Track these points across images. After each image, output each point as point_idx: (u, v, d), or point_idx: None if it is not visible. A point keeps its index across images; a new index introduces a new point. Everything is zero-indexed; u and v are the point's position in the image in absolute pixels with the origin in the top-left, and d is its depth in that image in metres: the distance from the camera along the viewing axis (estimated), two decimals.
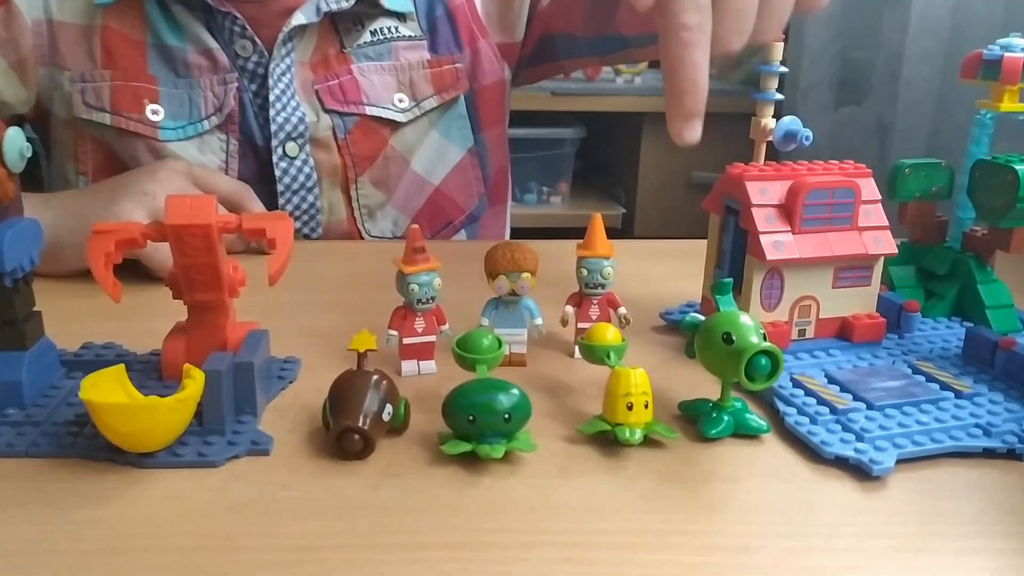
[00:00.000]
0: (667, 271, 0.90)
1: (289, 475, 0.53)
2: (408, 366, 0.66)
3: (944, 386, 0.62)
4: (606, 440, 0.57)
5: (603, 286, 0.67)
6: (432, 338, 0.66)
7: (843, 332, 0.69)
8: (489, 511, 0.50)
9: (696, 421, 0.59)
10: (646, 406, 0.57)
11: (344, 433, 0.54)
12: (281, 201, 0.98)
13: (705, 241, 0.73)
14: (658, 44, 0.56)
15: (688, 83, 0.54)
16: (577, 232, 0.69)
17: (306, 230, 1.01)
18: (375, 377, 0.57)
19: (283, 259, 0.56)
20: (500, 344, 0.59)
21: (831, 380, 0.63)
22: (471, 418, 0.54)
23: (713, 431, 0.58)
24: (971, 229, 0.76)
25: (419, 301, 0.64)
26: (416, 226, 0.64)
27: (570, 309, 0.68)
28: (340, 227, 1.02)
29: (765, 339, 0.56)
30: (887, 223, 0.68)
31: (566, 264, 0.69)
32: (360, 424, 0.54)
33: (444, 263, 0.65)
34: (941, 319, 0.75)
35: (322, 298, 0.83)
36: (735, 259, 0.69)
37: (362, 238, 1.03)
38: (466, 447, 0.54)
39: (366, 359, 0.58)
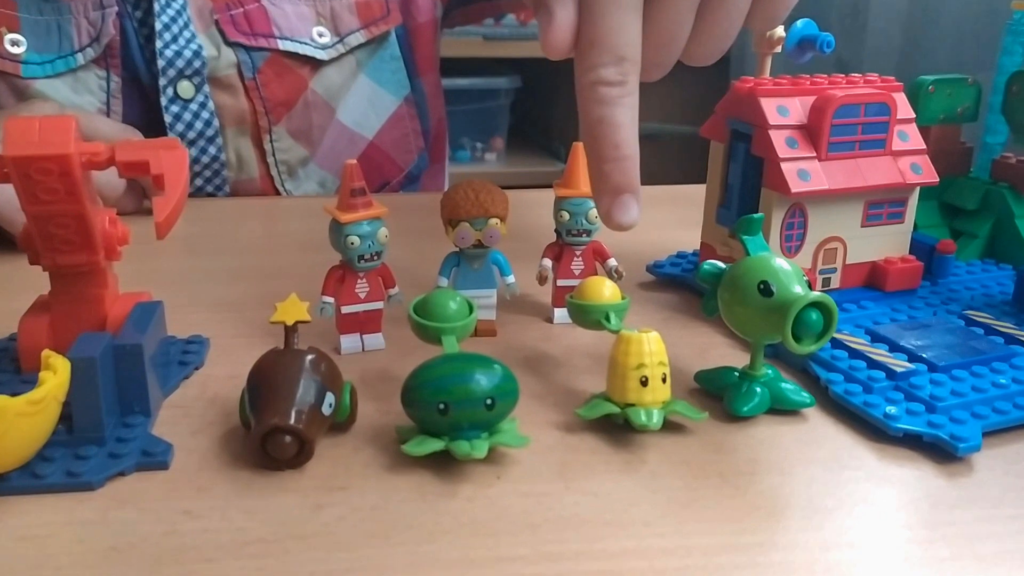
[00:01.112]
0: (649, 220, 0.77)
1: (196, 497, 0.39)
2: (349, 341, 0.52)
3: (1010, 338, 0.51)
4: (613, 426, 0.44)
5: (589, 233, 0.54)
6: (379, 305, 0.52)
7: (873, 279, 0.58)
8: (475, 532, 0.37)
9: (722, 396, 0.47)
10: (664, 380, 0.44)
11: (271, 434, 0.40)
12: None
13: (689, 187, 0.60)
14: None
15: (609, 148, 0.41)
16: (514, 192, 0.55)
17: (209, 187, 0.85)
18: (310, 357, 0.42)
19: (175, 201, 0.41)
20: (471, 307, 0.46)
21: (876, 338, 0.51)
22: (442, 406, 0.40)
23: (746, 407, 0.45)
24: (1001, 156, 0.65)
25: (361, 258, 0.50)
26: (354, 162, 0.50)
27: (548, 263, 0.55)
28: (252, 186, 0.87)
29: (810, 287, 0.44)
30: (924, 145, 0.57)
31: (535, 215, 0.56)
32: (292, 421, 0.40)
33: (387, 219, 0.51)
34: (973, 261, 0.64)
35: (234, 263, 0.68)
36: (745, 195, 0.56)
37: None
38: (437, 445, 0.40)
39: (296, 334, 0.44)
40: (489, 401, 0.41)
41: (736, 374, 0.47)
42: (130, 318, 0.45)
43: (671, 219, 0.77)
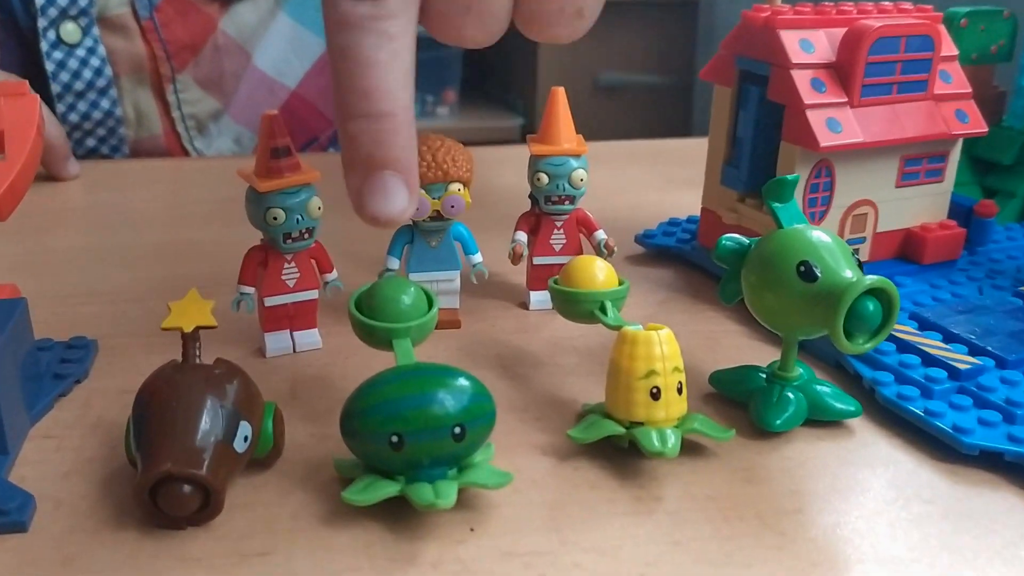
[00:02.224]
0: (631, 180, 0.67)
1: (59, 573, 0.28)
2: (276, 341, 0.42)
3: None
4: (615, 450, 0.35)
5: (572, 199, 0.44)
6: (312, 294, 0.42)
7: (907, 250, 0.48)
8: None
9: (746, 403, 0.37)
10: (680, 391, 0.34)
11: (164, 484, 0.29)
12: (60, 107, 0.69)
13: (674, 141, 0.51)
14: None
15: (356, 98, 0.30)
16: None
17: (104, 148, 0.73)
18: (216, 374, 0.32)
19: (18, 166, 0.30)
20: (431, 300, 0.36)
21: (924, 324, 0.42)
22: (395, 439, 0.30)
23: (779, 420, 0.36)
24: None
25: (288, 237, 0.39)
26: (274, 112, 0.39)
27: (523, 237, 0.45)
28: (155, 145, 0.75)
29: (860, 268, 0.34)
30: (968, 88, 0.47)
31: (501, 177, 0.46)
32: (193, 467, 0.29)
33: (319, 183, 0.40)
34: (1012, 225, 0.55)
35: (132, 241, 0.56)
36: (759, 151, 0.46)
37: None
38: (389, 490, 0.30)
39: (198, 344, 0.33)
40: (458, 430, 0.31)
41: (763, 376, 0.38)
42: None
43: (656, 179, 0.67)
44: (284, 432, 0.34)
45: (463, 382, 0.31)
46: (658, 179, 0.67)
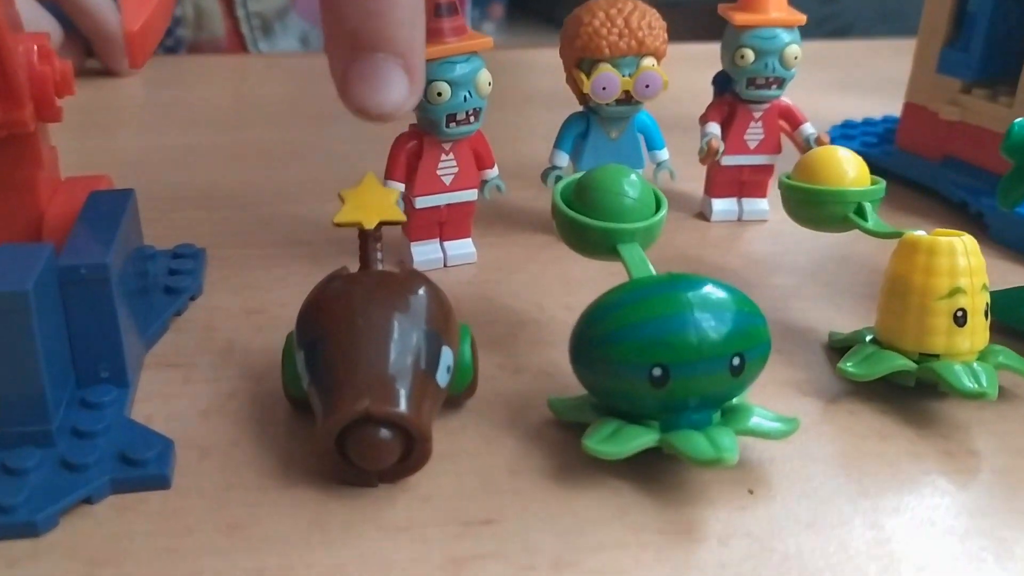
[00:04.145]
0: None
1: (224, 541, 0.21)
2: (423, 252, 0.34)
3: None
4: (892, 390, 0.27)
5: (781, 83, 0.36)
6: (470, 195, 0.34)
7: None
8: None
9: None
10: (987, 314, 0.27)
11: (358, 428, 0.22)
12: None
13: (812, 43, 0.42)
14: None
15: None
16: None
17: (159, 51, 0.65)
18: (407, 284, 0.24)
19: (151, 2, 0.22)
20: (658, 198, 0.28)
21: None
22: (658, 372, 0.23)
23: None
24: None
25: (451, 119, 0.31)
26: None
27: (716, 129, 0.37)
28: (216, 47, 0.67)
29: None
30: None
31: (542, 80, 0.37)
32: (397, 406, 0.22)
33: None
34: None
35: (206, 142, 0.48)
36: (998, 27, 0.38)
37: None
38: (646, 439, 0.23)
39: (379, 245, 0.25)
40: (736, 360, 0.23)
41: None
42: (82, 217, 0.27)
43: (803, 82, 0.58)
44: (478, 361, 0.26)
45: (735, 297, 0.24)
46: (805, 82, 0.58)
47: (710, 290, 0.24)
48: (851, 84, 0.60)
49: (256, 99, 0.56)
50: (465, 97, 0.31)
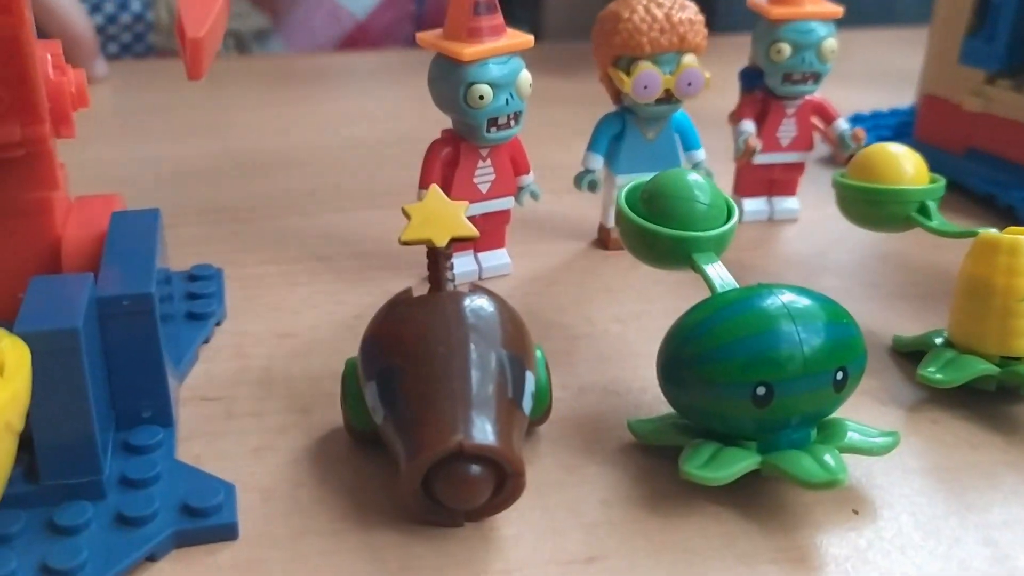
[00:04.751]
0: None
1: None
2: (456, 263, 0.32)
3: None
4: (972, 395, 0.26)
5: (817, 78, 0.35)
6: (507, 203, 0.32)
7: None
8: None
9: None
10: None
11: (446, 465, 0.20)
12: (85, 6, 0.57)
13: None
14: None
15: None
16: None
17: (128, 57, 0.62)
18: (482, 306, 0.23)
19: (219, 3, 0.20)
20: (729, 204, 0.26)
21: None
22: (761, 390, 0.21)
23: None
24: None
25: (493, 124, 0.30)
26: None
27: (751, 127, 0.36)
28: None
29: None
30: None
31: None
32: (488, 439, 0.20)
33: None
34: None
35: (195, 151, 0.46)
36: (1021, 19, 0.38)
37: None
38: (749, 462, 0.22)
39: (450, 264, 0.24)
40: (840, 375, 0.22)
41: None
42: (112, 242, 0.24)
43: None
44: (551, 385, 0.25)
45: (832, 308, 0.23)
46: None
47: (808, 302, 0.22)
48: (849, 76, 0.60)
49: (241, 103, 0.53)
50: (507, 100, 0.29)
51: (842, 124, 0.36)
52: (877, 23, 0.68)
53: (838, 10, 0.34)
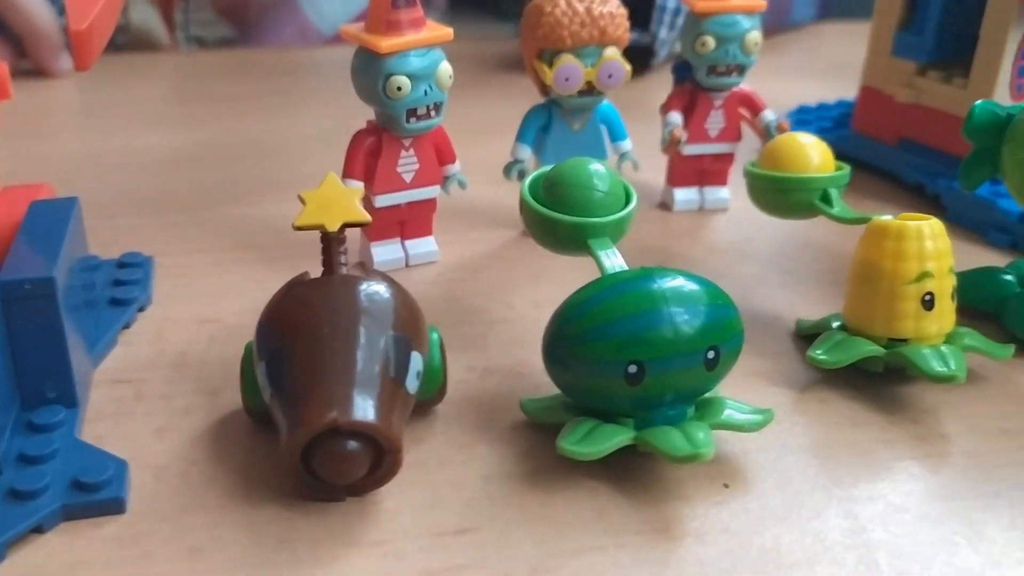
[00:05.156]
0: None
1: (186, 571, 0.20)
2: (385, 252, 0.33)
3: None
4: (860, 376, 0.27)
5: (742, 70, 0.36)
6: (432, 192, 0.33)
7: None
8: None
9: (998, 313, 0.30)
10: (953, 297, 0.27)
11: (324, 440, 0.21)
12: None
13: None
14: None
15: None
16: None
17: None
18: (372, 288, 0.24)
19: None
20: (628, 190, 0.27)
21: None
22: (633, 368, 0.22)
23: None
24: None
25: (412, 114, 0.30)
26: None
27: (679, 118, 0.37)
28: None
29: None
30: None
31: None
32: (365, 415, 0.21)
33: None
34: None
35: (149, 144, 0.47)
36: (951, 11, 0.38)
37: None
38: (621, 437, 0.22)
39: (343, 249, 0.24)
40: (711, 354, 0.23)
41: (1009, 278, 0.30)
42: (24, 229, 0.25)
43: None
44: (447, 366, 0.25)
45: (709, 290, 0.23)
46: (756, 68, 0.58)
47: (683, 283, 0.23)
48: (801, 69, 0.60)
49: (198, 97, 0.54)
50: (426, 91, 0.30)
51: (768, 115, 0.37)
52: (860, 16, 0.68)
53: (761, 4, 0.35)
